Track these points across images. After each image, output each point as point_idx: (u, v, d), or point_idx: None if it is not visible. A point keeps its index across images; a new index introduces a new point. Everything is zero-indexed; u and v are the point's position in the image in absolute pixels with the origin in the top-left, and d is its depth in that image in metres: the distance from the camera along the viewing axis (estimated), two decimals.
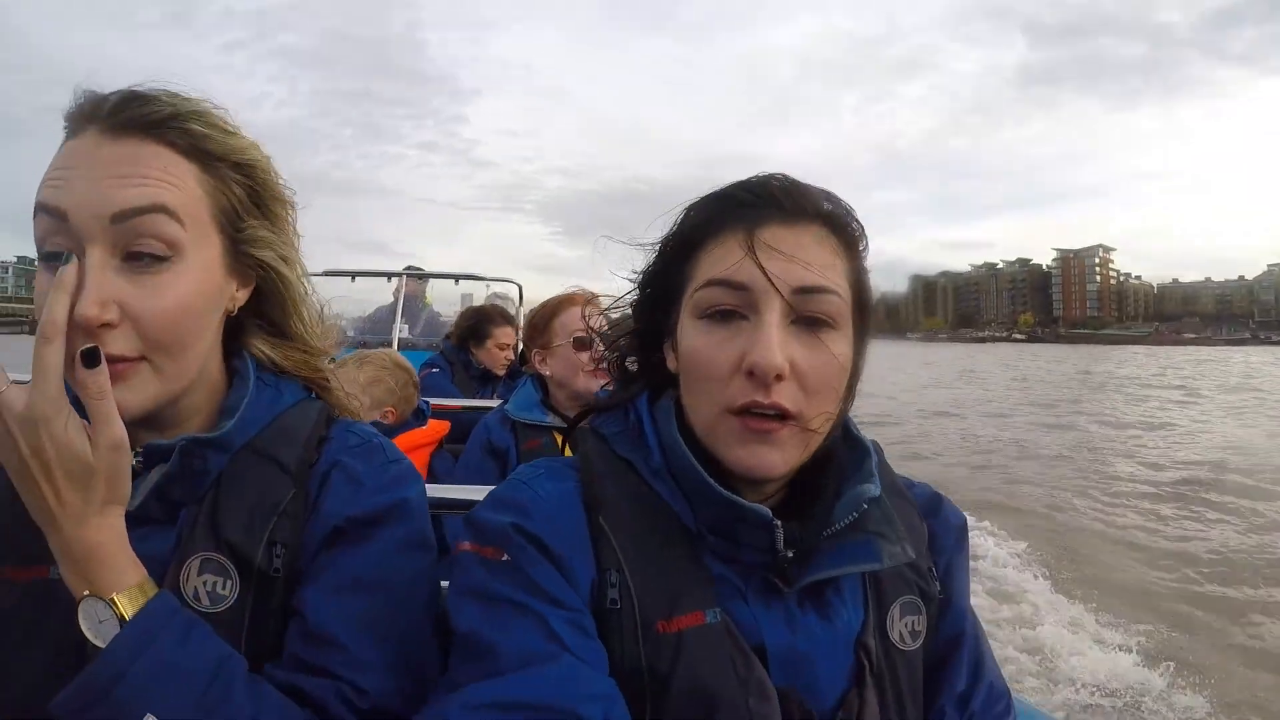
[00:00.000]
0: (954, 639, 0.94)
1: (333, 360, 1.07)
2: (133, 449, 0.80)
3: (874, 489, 0.86)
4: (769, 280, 0.80)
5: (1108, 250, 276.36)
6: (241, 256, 0.90)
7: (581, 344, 2.37)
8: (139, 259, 0.80)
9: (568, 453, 2.28)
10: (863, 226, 0.90)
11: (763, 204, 0.85)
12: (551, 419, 2.41)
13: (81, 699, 0.70)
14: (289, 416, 0.96)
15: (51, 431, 0.71)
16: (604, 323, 2.40)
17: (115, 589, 0.74)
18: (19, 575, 0.84)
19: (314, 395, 1.02)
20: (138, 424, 0.82)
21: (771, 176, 0.88)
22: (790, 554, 0.82)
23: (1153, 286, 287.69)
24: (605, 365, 2.34)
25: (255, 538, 0.87)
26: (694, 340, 0.84)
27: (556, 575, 0.80)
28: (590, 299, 2.42)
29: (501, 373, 4.27)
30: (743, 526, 0.82)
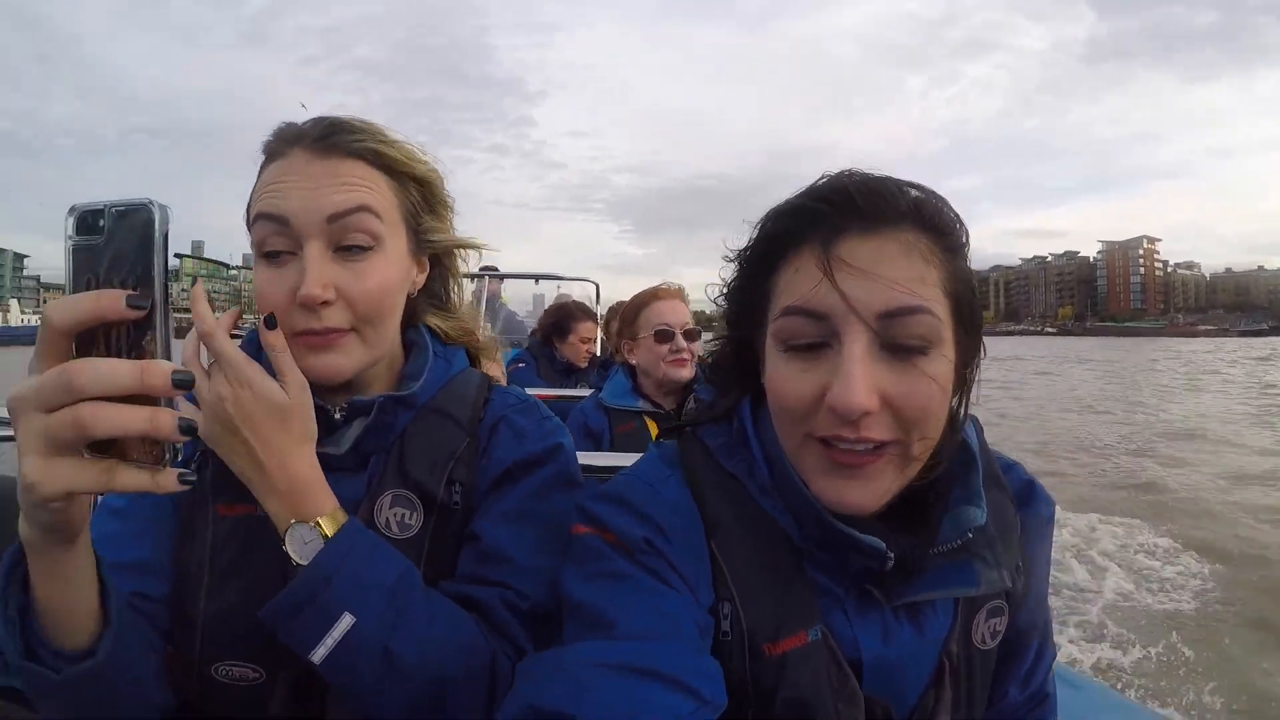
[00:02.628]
0: (1025, 629, 0.92)
1: None
2: (336, 407, 0.97)
3: (980, 515, 0.80)
4: (849, 306, 0.72)
5: (1153, 241, 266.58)
6: (421, 245, 1.05)
7: (663, 336, 2.56)
8: (349, 250, 0.93)
9: (655, 434, 2.56)
10: (959, 218, 0.80)
11: (838, 213, 0.76)
12: (642, 404, 2.60)
13: (291, 602, 0.81)
14: (457, 381, 1.09)
15: (252, 381, 0.83)
16: (689, 320, 2.55)
17: (319, 513, 0.85)
18: (228, 511, 0.95)
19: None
20: (336, 389, 0.98)
21: (845, 177, 0.79)
22: (893, 570, 0.79)
23: (1205, 276, 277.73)
24: (688, 356, 2.51)
25: (437, 477, 1.00)
26: (775, 370, 0.79)
27: (684, 588, 0.80)
28: (675, 293, 2.69)
29: (583, 365, 4.38)
30: (856, 551, 0.78)
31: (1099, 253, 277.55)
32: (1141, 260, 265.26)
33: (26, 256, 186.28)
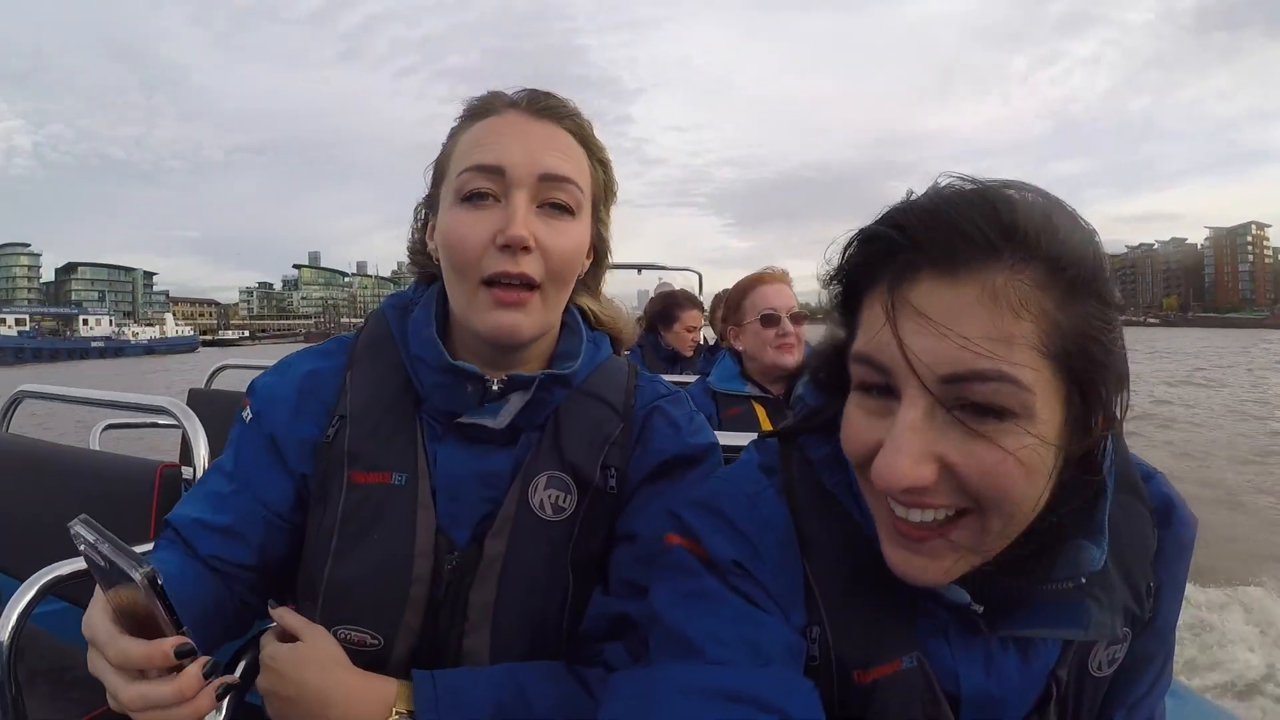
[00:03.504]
0: (1146, 656, 0.84)
1: None
2: (495, 379, 0.98)
3: (1099, 557, 0.69)
4: (909, 364, 0.63)
5: (1261, 227, 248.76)
6: (595, 230, 1.07)
7: (769, 321, 2.51)
8: (553, 208, 0.96)
9: (764, 422, 2.61)
10: (1093, 243, 0.65)
11: (912, 246, 0.64)
12: (749, 389, 2.56)
13: None
14: (608, 366, 1.10)
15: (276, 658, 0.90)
16: (795, 304, 2.59)
17: (388, 703, 0.88)
18: (362, 478, 0.97)
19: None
20: (498, 356, 1.00)
21: (928, 198, 0.66)
22: (982, 609, 0.73)
23: None
24: (794, 341, 2.60)
25: (593, 460, 1.01)
26: (848, 407, 0.72)
27: (775, 609, 0.76)
28: (781, 276, 2.64)
29: (689, 354, 4.35)
30: (931, 602, 0.75)
31: (1205, 239, 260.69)
32: (1250, 247, 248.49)
33: (155, 274, 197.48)
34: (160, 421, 2.67)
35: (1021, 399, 0.60)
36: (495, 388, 0.98)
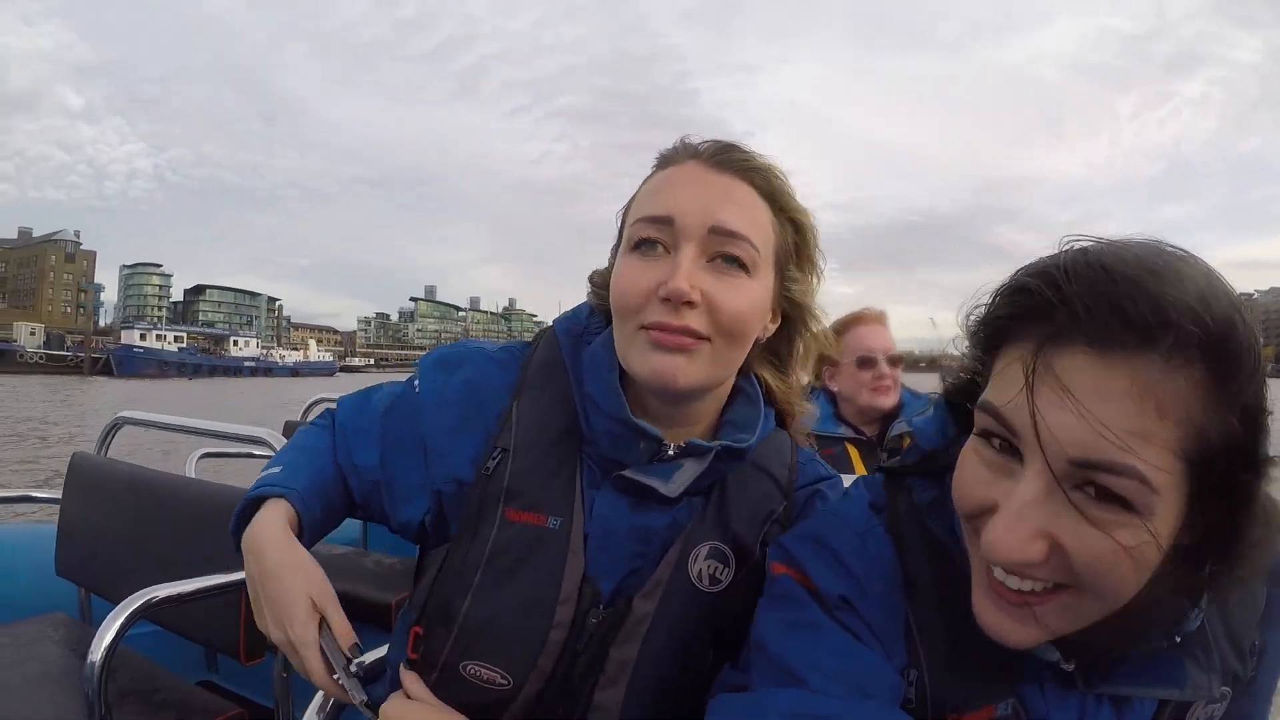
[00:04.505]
0: (1243, 717, 0.81)
1: None
2: (672, 444, 0.95)
3: (1196, 617, 0.69)
4: (1037, 436, 0.59)
5: None
6: (781, 293, 1.00)
7: (865, 363, 2.43)
8: (724, 260, 0.91)
9: (857, 465, 2.51)
10: (1252, 339, 0.58)
11: (1067, 311, 0.59)
12: (843, 430, 2.47)
13: None
14: (773, 439, 1.06)
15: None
16: (892, 345, 2.50)
17: None
18: (517, 517, 0.94)
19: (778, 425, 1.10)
20: (666, 408, 0.97)
21: (1077, 270, 0.59)
22: (1072, 667, 0.72)
23: None
24: (890, 384, 2.52)
25: (755, 536, 0.98)
26: (966, 455, 0.69)
27: (878, 646, 0.75)
28: (878, 317, 2.54)
29: None
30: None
31: None
32: None
33: (278, 300, 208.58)
34: (256, 452, 2.75)
35: (1146, 499, 0.57)
36: (670, 452, 0.96)
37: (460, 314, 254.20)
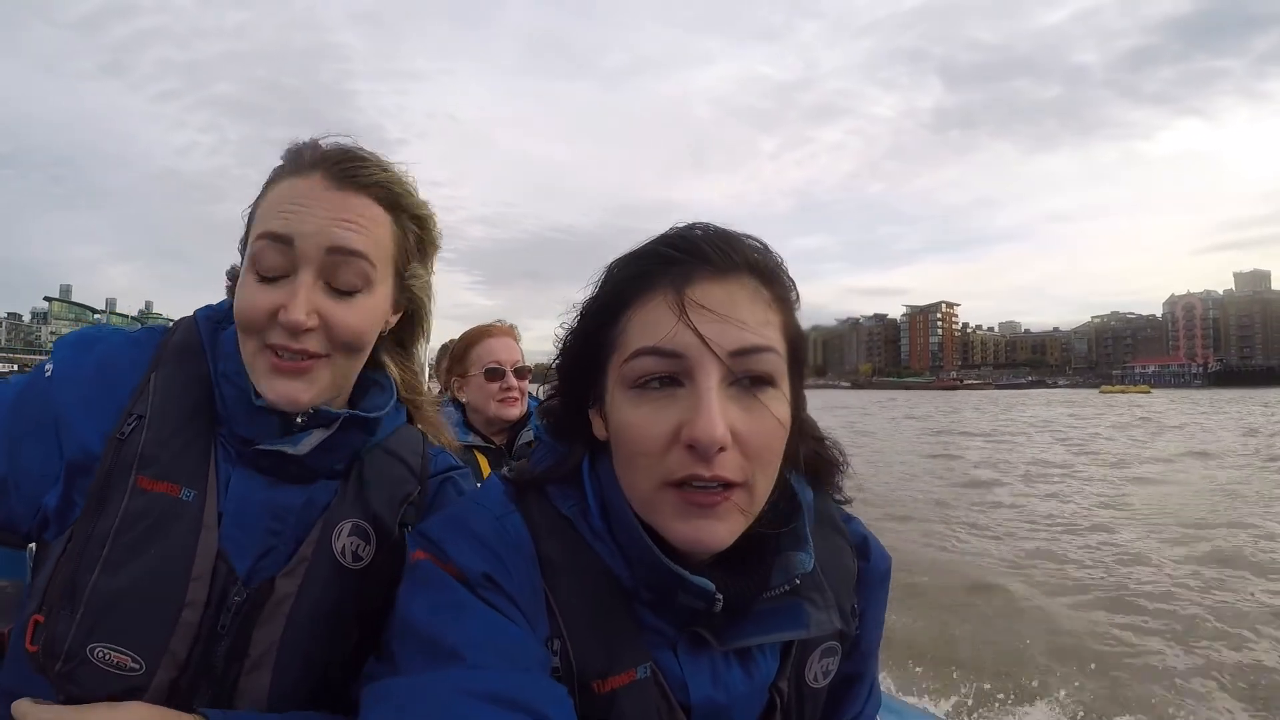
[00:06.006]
0: (857, 674, 0.95)
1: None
2: (302, 412, 0.95)
3: (808, 561, 0.82)
4: (705, 344, 0.73)
5: (951, 306, 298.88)
6: (403, 289, 1.05)
7: (493, 374, 2.52)
8: (339, 289, 0.94)
9: (485, 470, 2.47)
10: (792, 279, 0.84)
11: (691, 259, 0.77)
12: (472, 438, 2.55)
13: None
14: (404, 432, 1.11)
15: None
16: (519, 358, 2.50)
17: None
18: (150, 485, 0.90)
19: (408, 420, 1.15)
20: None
21: (697, 227, 0.81)
22: (722, 612, 0.79)
23: (1003, 336, 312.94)
24: (518, 395, 2.53)
25: (393, 516, 1.03)
26: (626, 414, 0.78)
27: (524, 621, 0.78)
28: (507, 330, 2.65)
29: None
30: (682, 593, 0.78)
31: (903, 315, 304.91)
32: (940, 323, 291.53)
33: None
34: None
35: (781, 370, 0.77)
36: (299, 420, 0.96)
37: (96, 316, 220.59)
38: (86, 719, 0.81)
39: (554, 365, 0.91)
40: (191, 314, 1.07)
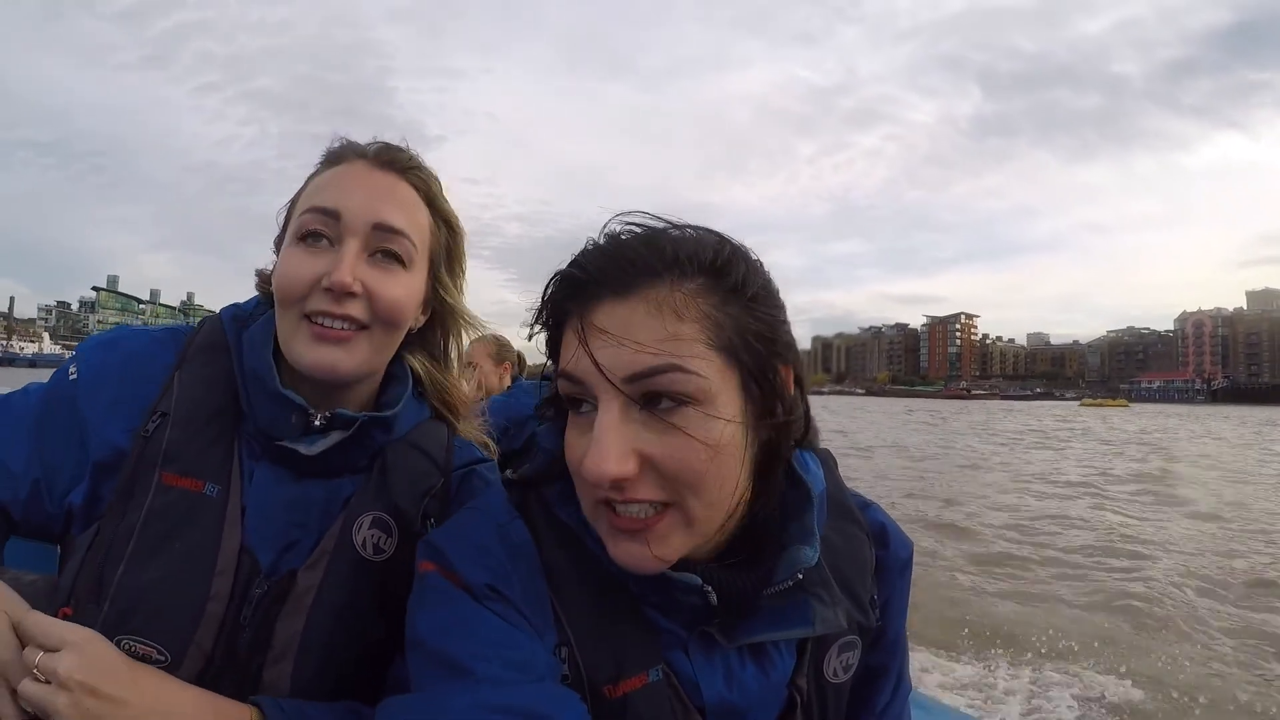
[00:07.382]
0: (883, 666, 0.92)
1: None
2: (319, 415, 0.97)
3: (812, 554, 0.77)
4: (600, 372, 0.69)
5: (970, 317, 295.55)
6: (432, 289, 1.07)
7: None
8: (384, 256, 0.97)
9: None
10: (745, 262, 0.75)
11: (593, 280, 0.72)
12: None
13: None
14: (428, 425, 1.13)
15: (81, 659, 0.75)
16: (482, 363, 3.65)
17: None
18: (175, 482, 0.92)
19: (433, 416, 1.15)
20: (322, 392, 0.98)
21: (598, 245, 0.75)
22: (725, 609, 0.77)
23: (1024, 348, 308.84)
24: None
25: (416, 508, 1.03)
26: (568, 432, 0.76)
27: (531, 630, 0.77)
28: (486, 339, 3.04)
29: None
30: (676, 590, 0.76)
31: (923, 325, 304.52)
32: (959, 333, 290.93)
33: None
34: None
35: (697, 384, 0.69)
36: (318, 422, 0.97)
37: (141, 306, 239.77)
38: (140, 684, 0.79)
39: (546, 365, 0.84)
40: (217, 313, 1.09)
